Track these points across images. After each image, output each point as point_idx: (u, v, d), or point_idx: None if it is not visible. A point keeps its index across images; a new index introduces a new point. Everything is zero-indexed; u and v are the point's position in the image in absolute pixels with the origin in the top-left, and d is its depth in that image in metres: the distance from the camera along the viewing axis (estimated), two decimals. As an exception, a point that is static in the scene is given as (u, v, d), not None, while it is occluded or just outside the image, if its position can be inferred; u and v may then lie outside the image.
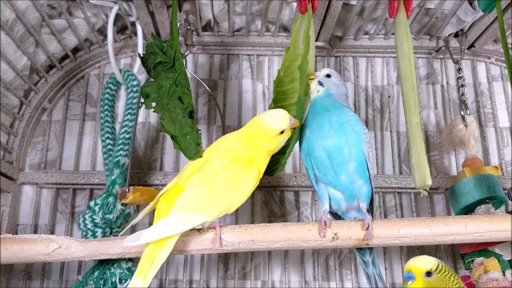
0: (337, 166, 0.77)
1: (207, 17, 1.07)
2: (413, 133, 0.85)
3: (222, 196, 0.72)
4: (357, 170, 0.78)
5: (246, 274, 1.03)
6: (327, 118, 0.79)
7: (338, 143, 0.77)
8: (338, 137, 0.77)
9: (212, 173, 0.73)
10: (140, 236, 0.68)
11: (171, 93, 0.80)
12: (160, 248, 0.70)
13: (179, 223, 0.69)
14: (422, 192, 0.82)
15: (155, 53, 0.82)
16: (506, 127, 1.12)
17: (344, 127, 0.78)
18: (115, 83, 1.06)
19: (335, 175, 0.78)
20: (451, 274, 0.71)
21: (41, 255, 0.77)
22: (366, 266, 0.85)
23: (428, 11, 1.05)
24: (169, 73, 0.82)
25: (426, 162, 0.81)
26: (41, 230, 1.03)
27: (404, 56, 0.89)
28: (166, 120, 0.79)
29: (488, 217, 0.80)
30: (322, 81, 0.86)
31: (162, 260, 0.70)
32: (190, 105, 0.81)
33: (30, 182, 1.03)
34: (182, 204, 0.70)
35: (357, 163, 0.77)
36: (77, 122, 1.09)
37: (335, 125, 0.78)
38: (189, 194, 0.71)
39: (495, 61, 1.16)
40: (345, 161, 0.77)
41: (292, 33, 0.87)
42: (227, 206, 0.73)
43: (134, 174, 1.02)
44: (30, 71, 1.03)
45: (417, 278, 0.70)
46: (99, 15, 1.05)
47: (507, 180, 1.03)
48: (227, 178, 0.72)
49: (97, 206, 0.88)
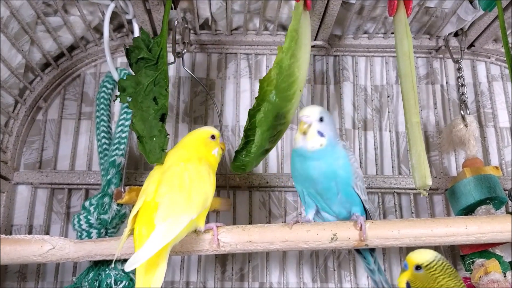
0: (327, 200, 0.80)
1: (205, 15, 1.06)
2: (413, 132, 0.84)
3: (196, 192, 0.72)
4: (347, 199, 0.80)
5: (244, 276, 1.01)
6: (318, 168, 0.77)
7: (328, 186, 0.78)
8: (328, 182, 0.78)
9: (176, 177, 0.73)
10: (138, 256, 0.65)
11: (147, 92, 0.79)
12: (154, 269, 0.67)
13: (170, 229, 0.68)
14: (422, 193, 0.81)
15: (139, 48, 0.81)
16: (506, 127, 1.11)
17: (335, 173, 0.78)
18: (111, 81, 1.05)
19: (326, 204, 0.81)
20: (441, 276, 0.69)
21: (35, 256, 0.76)
22: (373, 274, 0.87)
23: (428, 10, 1.04)
24: (149, 71, 0.80)
25: (427, 162, 0.81)
26: (35, 231, 1.01)
27: (404, 55, 0.88)
28: (137, 119, 0.78)
29: (489, 217, 0.79)
30: (321, 131, 0.77)
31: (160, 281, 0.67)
32: (165, 107, 0.79)
33: (25, 182, 1.02)
34: (164, 212, 0.69)
35: (345, 195, 0.80)
36: (73, 121, 1.08)
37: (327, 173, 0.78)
38: (166, 203, 0.70)
39: (495, 60, 1.15)
40: (334, 195, 0.79)
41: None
42: (204, 199, 0.73)
43: (130, 174, 1.01)
44: (25, 69, 1.02)
45: (409, 269, 0.71)
46: (95, 13, 1.04)
47: (507, 181, 1.02)
48: (191, 176, 0.73)
49: (92, 206, 0.87)
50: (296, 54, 0.80)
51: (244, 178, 1.03)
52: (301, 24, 0.83)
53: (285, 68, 0.79)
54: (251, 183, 1.03)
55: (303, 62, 0.82)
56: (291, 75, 0.79)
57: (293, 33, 0.80)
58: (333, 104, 1.12)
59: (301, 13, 0.82)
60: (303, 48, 0.82)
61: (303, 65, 0.82)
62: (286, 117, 0.81)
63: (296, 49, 0.81)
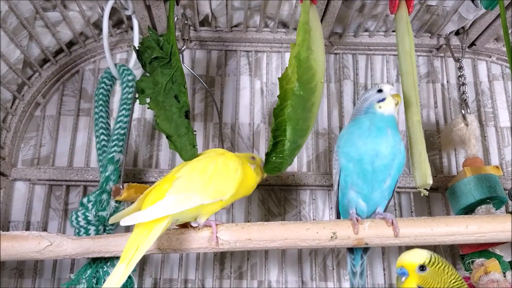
0: (376, 183, 0.79)
1: (205, 12, 1.05)
2: (414, 131, 0.84)
3: (216, 180, 0.73)
4: (389, 187, 0.81)
5: (242, 274, 1.01)
6: (386, 140, 0.78)
7: (389, 164, 0.78)
8: (390, 161, 0.78)
9: (202, 163, 0.75)
10: (137, 216, 0.67)
11: (167, 91, 0.79)
12: (147, 232, 0.68)
13: (178, 203, 0.69)
14: (423, 191, 0.81)
15: (151, 48, 0.80)
16: (506, 126, 1.11)
17: (396, 153, 0.79)
18: (110, 78, 1.05)
19: (371, 189, 0.80)
20: (445, 265, 0.68)
21: (32, 253, 0.76)
22: (353, 277, 0.86)
23: (429, 8, 1.04)
24: (165, 69, 0.80)
25: (427, 161, 0.80)
26: (33, 227, 1.01)
27: (405, 53, 0.88)
28: (161, 118, 0.78)
29: (489, 217, 0.79)
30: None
31: (147, 245, 0.67)
32: (186, 104, 0.79)
33: (23, 178, 1.01)
34: (179, 187, 0.71)
35: (392, 182, 0.80)
36: (71, 117, 1.07)
37: (391, 149, 0.78)
38: (184, 179, 0.72)
39: (496, 59, 1.15)
40: (384, 180, 0.79)
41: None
42: (222, 190, 0.74)
43: (128, 170, 1.01)
44: (24, 65, 1.01)
45: (411, 273, 0.68)
46: (95, 8, 1.03)
47: (508, 180, 1.02)
48: (217, 166, 0.75)
49: (90, 203, 0.86)
50: (310, 46, 0.79)
51: (243, 176, 1.02)
52: (311, 17, 0.82)
53: (304, 61, 0.77)
54: (250, 181, 1.02)
55: (319, 55, 0.81)
56: (310, 67, 0.78)
57: (305, 25, 0.79)
58: (333, 102, 1.12)
59: (309, 6, 0.82)
60: (317, 41, 0.81)
61: (320, 57, 0.81)
62: (312, 110, 0.79)
63: (311, 42, 0.80)
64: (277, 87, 1.12)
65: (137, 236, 0.68)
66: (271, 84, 1.13)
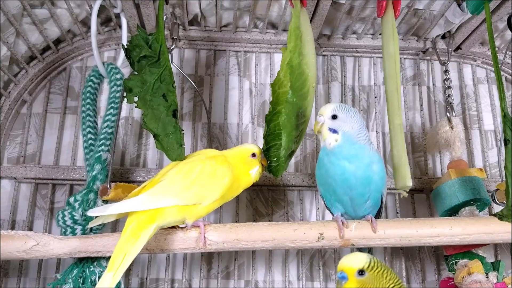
0: (356, 206, 0.80)
1: (194, 11, 1.05)
2: (395, 134, 0.85)
3: (199, 184, 0.73)
4: (372, 204, 0.80)
5: (230, 274, 1.01)
6: (353, 174, 0.77)
7: (362, 191, 0.78)
8: (363, 188, 0.78)
9: (189, 166, 0.75)
10: (107, 208, 0.69)
11: (155, 89, 0.78)
12: (134, 240, 0.68)
13: (150, 201, 0.70)
14: (402, 193, 0.83)
15: (140, 46, 0.80)
16: (490, 129, 1.13)
17: (370, 179, 0.78)
18: (97, 76, 1.04)
19: (352, 208, 0.80)
20: (384, 270, 0.67)
21: (18, 252, 0.75)
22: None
23: (416, 12, 1.05)
24: (154, 68, 0.80)
25: (407, 164, 0.82)
26: (18, 226, 1.00)
27: (390, 56, 0.89)
28: (149, 117, 0.77)
29: (473, 219, 0.80)
30: (333, 127, 0.78)
31: (135, 253, 0.68)
32: (174, 103, 0.79)
33: (8, 177, 1.00)
34: (156, 189, 0.71)
35: (373, 200, 0.80)
36: (58, 115, 1.06)
37: (361, 180, 0.77)
38: (165, 182, 0.72)
39: (481, 63, 1.17)
40: (364, 201, 0.79)
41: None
42: (203, 195, 0.74)
43: (116, 170, 1.00)
44: (10, 61, 1.00)
45: (350, 278, 0.67)
46: (83, 6, 1.02)
47: (491, 183, 1.04)
48: (204, 170, 0.75)
49: (77, 203, 0.85)
50: (302, 51, 0.80)
51: (232, 176, 1.02)
52: (301, 21, 0.83)
53: (296, 67, 0.78)
54: (238, 181, 1.03)
55: (310, 59, 0.83)
56: (302, 73, 0.79)
57: (297, 31, 0.80)
58: (321, 104, 1.12)
59: (300, 10, 0.82)
60: (307, 45, 0.83)
61: (311, 61, 0.83)
62: (305, 115, 0.81)
63: (302, 47, 0.81)
64: (266, 88, 1.14)
65: (124, 244, 0.68)
66: (260, 85, 1.13)
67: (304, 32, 0.82)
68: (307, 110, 0.81)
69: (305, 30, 0.82)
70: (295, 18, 0.81)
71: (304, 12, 0.85)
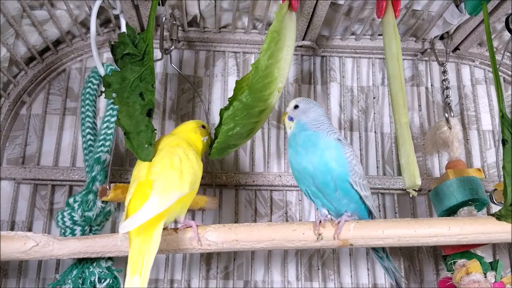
0: (327, 196, 0.80)
1: (193, 13, 1.05)
2: (402, 133, 0.85)
3: (187, 172, 0.74)
4: (345, 196, 0.80)
5: (229, 274, 1.02)
6: (309, 161, 0.78)
7: (324, 180, 0.78)
8: (323, 176, 0.78)
9: (167, 158, 0.75)
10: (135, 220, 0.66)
11: (133, 87, 0.78)
12: (148, 240, 0.68)
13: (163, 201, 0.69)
14: (412, 192, 0.83)
15: (125, 43, 0.80)
16: (489, 130, 1.13)
17: (327, 166, 0.78)
18: (97, 77, 1.04)
19: (326, 200, 0.81)
20: None
21: (18, 253, 0.75)
22: (382, 260, 0.89)
23: (414, 13, 1.05)
24: (135, 66, 0.79)
25: (415, 162, 0.82)
26: (18, 227, 1.00)
27: (393, 56, 0.89)
28: (123, 114, 0.77)
29: (471, 219, 0.80)
30: (291, 115, 0.85)
31: (154, 252, 0.67)
32: (151, 102, 0.79)
33: (8, 178, 1.00)
34: (159, 187, 0.71)
35: (343, 191, 0.79)
36: (57, 116, 1.07)
37: (319, 167, 0.78)
38: (161, 179, 0.72)
39: (479, 64, 1.17)
40: (333, 191, 0.79)
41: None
42: (195, 180, 0.76)
43: (115, 171, 1.00)
44: (10, 63, 1.00)
45: None
46: (82, 7, 1.02)
47: (489, 183, 1.04)
48: (181, 158, 0.76)
49: (77, 203, 0.86)
50: (276, 55, 0.81)
51: (231, 177, 1.03)
52: (285, 25, 0.83)
53: (261, 69, 0.79)
54: (237, 181, 1.03)
55: (284, 63, 0.83)
56: (268, 75, 0.80)
57: (274, 34, 0.81)
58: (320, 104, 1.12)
59: (285, 14, 0.82)
60: (285, 50, 0.83)
61: (284, 66, 0.83)
62: (259, 116, 0.82)
63: (277, 50, 0.81)
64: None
65: (140, 247, 0.67)
66: (259, 86, 1.13)
67: (285, 36, 0.82)
68: (264, 112, 0.82)
69: (287, 35, 0.82)
70: (276, 22, 0.81)
71: (292, 17, 0.85)
